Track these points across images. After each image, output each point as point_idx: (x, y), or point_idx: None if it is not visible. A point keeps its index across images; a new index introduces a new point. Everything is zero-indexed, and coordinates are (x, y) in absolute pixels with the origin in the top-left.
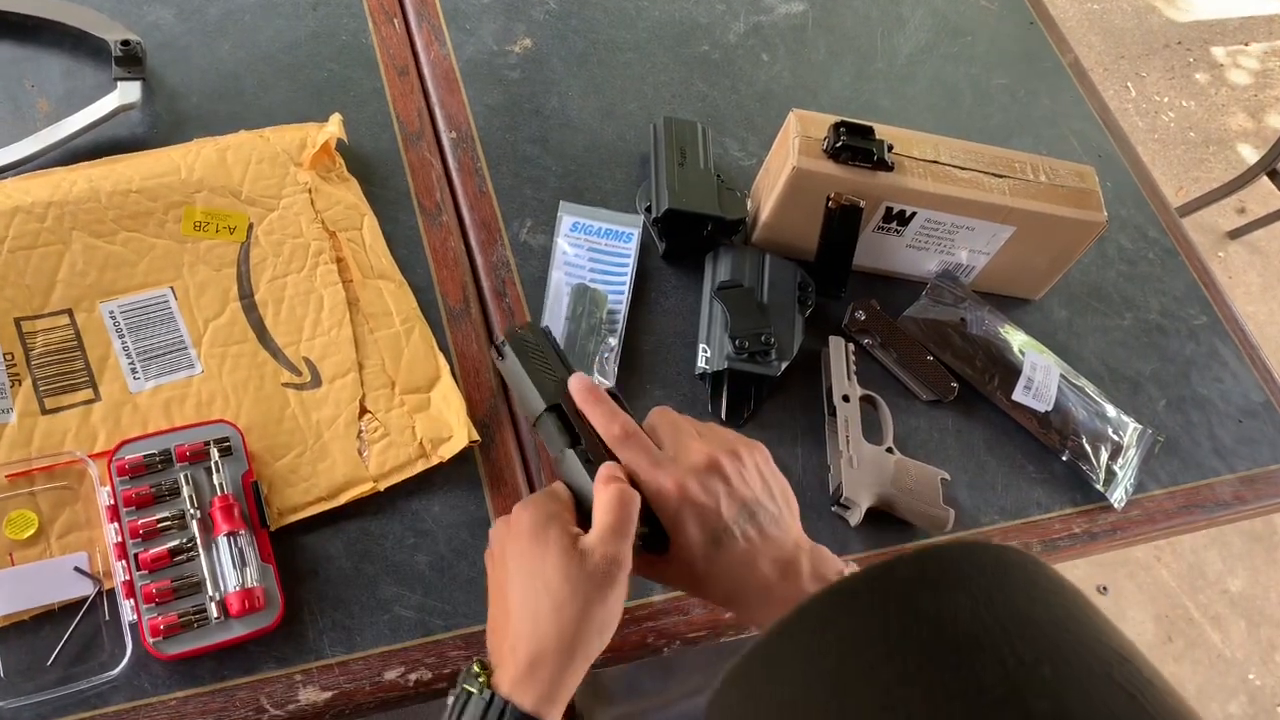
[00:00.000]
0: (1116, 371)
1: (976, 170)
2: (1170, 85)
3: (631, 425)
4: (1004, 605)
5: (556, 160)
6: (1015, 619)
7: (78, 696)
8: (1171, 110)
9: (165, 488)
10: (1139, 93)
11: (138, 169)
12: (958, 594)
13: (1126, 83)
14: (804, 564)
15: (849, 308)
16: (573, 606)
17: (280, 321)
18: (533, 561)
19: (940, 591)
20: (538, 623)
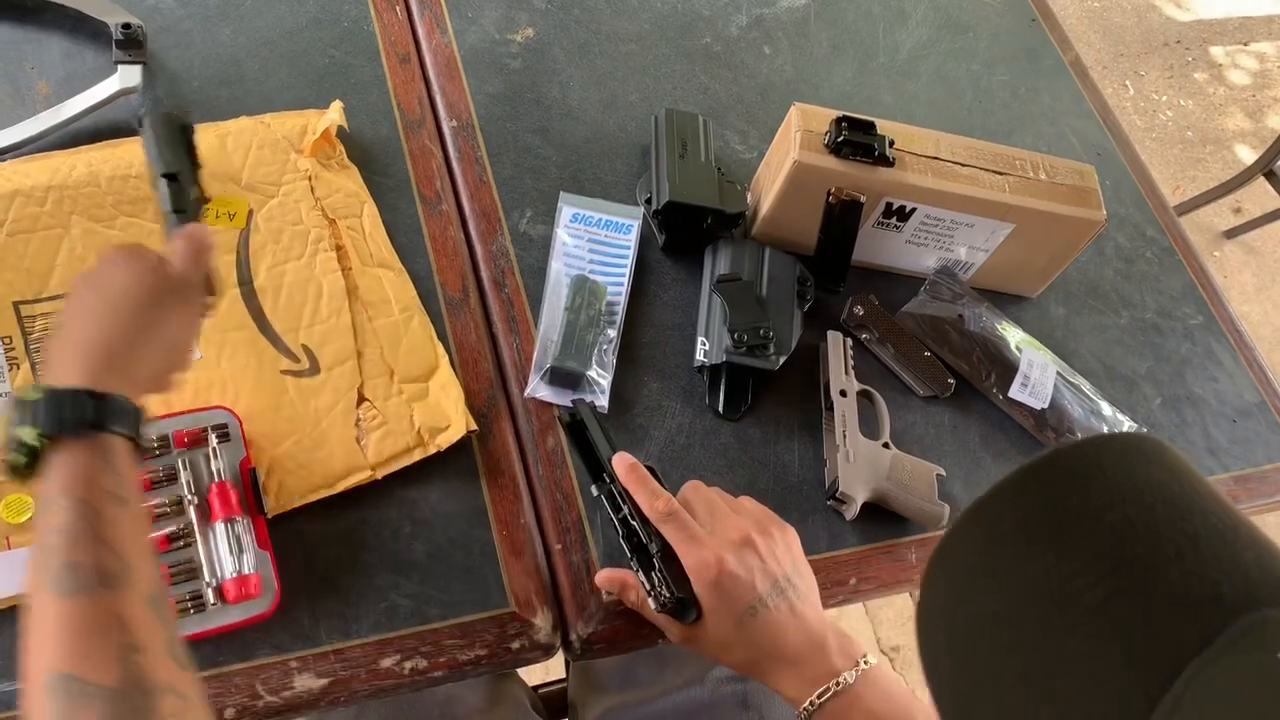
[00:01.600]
0: (1112, 370)
1: (977, 167)
2: (1169, 84)
3: (673, 504)
4: (1196, 484)
5: (557, 150)
6: (1208, 497)
7: None
8: (1170, 109)
9: (163, 473)
10: (1137, 91)
11: (137, 154)
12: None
13: (1125, 81)
14: (831, 640)
15: (847, 302)
16: (146, 311)
17: (279, 308)
18: (115, 271)
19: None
20: (106, 321)
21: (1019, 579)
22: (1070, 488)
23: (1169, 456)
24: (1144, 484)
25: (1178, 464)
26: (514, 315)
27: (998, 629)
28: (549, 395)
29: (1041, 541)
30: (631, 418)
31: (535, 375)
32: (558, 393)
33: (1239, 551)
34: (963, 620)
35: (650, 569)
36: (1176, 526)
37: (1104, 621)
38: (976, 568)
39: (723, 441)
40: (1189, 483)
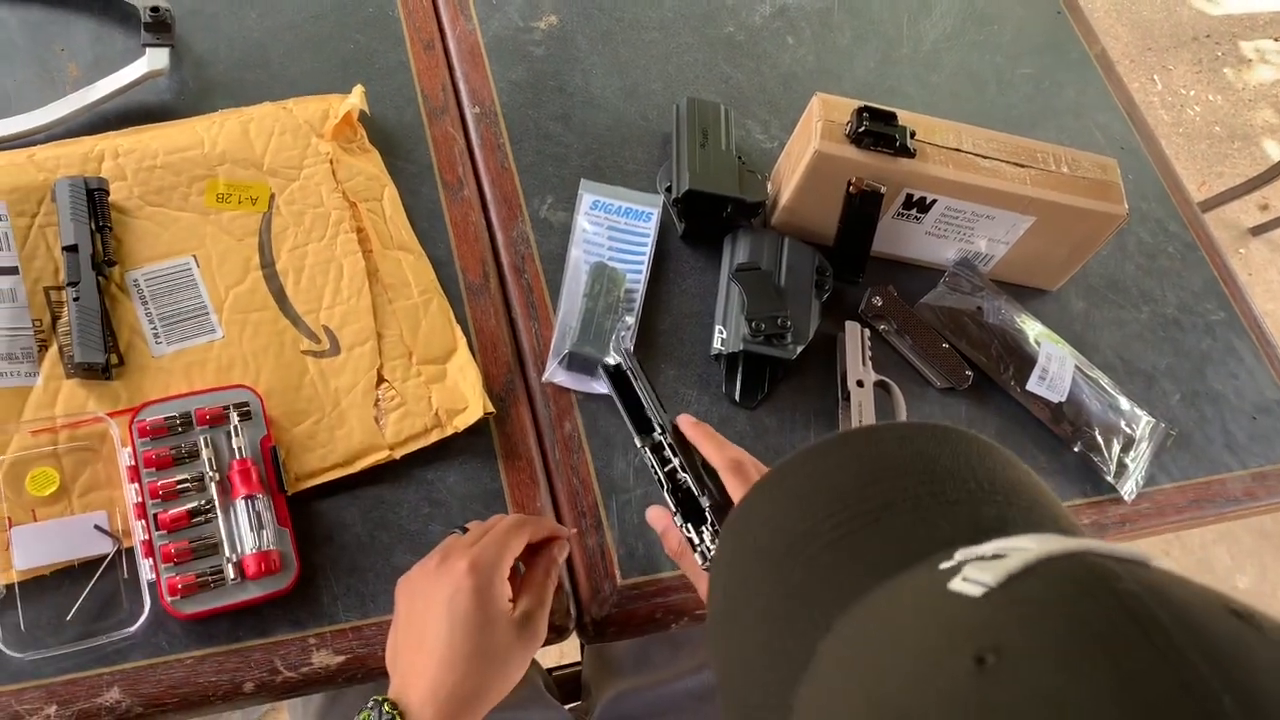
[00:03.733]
0: (1131, 364)
1: (998, 159)
2: (1197, 79)
3: (744, 454)
4: (980, 461)
5: (579, 138)
6: (986, 470)
7: (96, 652)
8: (1198, 104)
9: (185, 450)
10: (1165, 85)
11: (162, 143)
12: (938, 443)
13: (1153, 75)
14: None
15: (866, 293)
16: (495, 665)
17: (300, 290)
18: (473, 618)
19: (913, 439)
20: (466, 676)
21: (781, 519)
22: (841, 459)
23: (957, 439)
24: (920, 457)
25: (966, 444)
26: (533, 301)
27: (756, 559)
28: (567, 380)
29: (802, 495)
30: None
31: (553, 360)
32: (575, 378)
33: (978, 508)
34: (741, 549)
35: (701, 523)
36: (923, 486)
37: (826, 556)
38: (758, 511)
39: (738, 430)
40: (966, 455)
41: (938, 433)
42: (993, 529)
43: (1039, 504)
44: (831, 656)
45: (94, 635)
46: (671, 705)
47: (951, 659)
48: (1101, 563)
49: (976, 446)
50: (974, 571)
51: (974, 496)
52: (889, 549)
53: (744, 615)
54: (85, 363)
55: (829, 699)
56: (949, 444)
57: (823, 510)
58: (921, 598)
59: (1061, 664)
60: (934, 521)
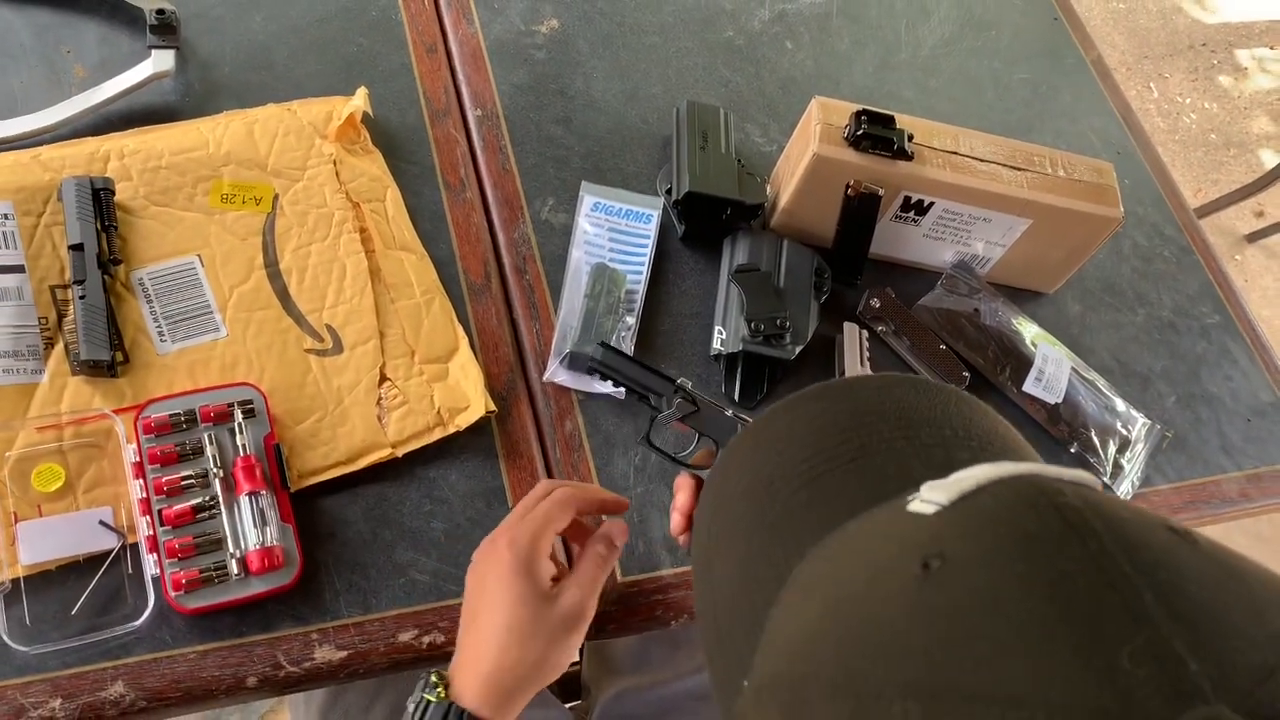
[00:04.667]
0: (1127, 367)
1: (995, 162)
2: (1193, 87)
3: None
4: (957, 410)
5: (580, 141)
6: (962, 419)
7: (101, 647)
8: (1193, 112)
9: (189, 447)
10: (1161, 93)
11: (168, 143)
12: (917, 394)
13: (1149, 83)
14: None
15: (864, 295)
16: (536, 643)
17: (304, 289)
18: (510, 593)
19: (896, 391)
20: (504, 651)
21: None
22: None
23: (937, 391)
24: (897, 405)
25: (945, 395)
26: (534, 301)
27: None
28: (568, 380)
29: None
30: None
31: (554, 360)
32: (576, 378)
33: (951, 452)
34: (724, 494)
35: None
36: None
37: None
38: (740, 457)
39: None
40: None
41: (917, 384)
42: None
43: (1012, 450)
44: (800, 579)
45: (98, 629)
46: (672, 705)
47: (901, 565)
48: (1049, 482)
49: (954, 397)
50: (929, 492)
51: (948, 442)
52: (863, 487)
53: (725, 552)
54: (91, 360)
55: (793, 612)
56: (927, 394)
57: (801, 454)
58: (884, 524)
59: (997, 565)
60: (908, 464)
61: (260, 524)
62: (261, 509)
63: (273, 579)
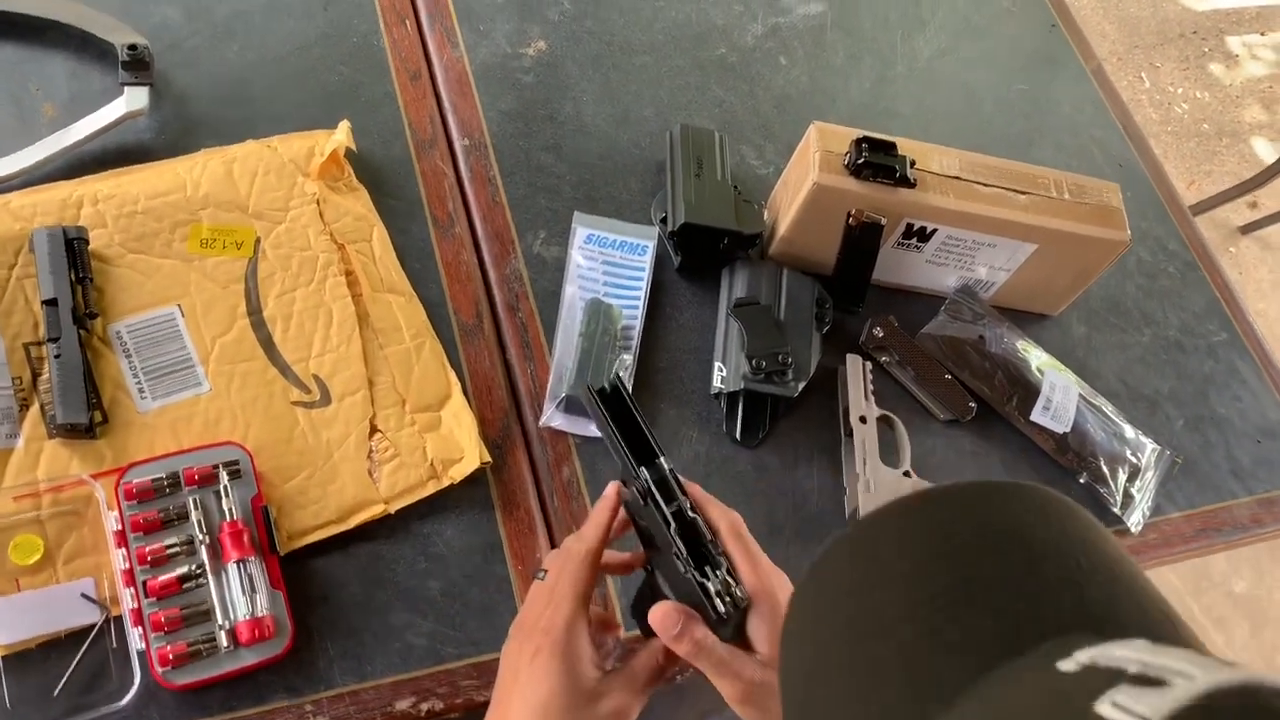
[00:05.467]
0: (1134, 390)
1: (999, 186)
2: (1184, 76)
3: (741, 521)
4: (1072, 529)
5: (570, 168)
6: (1084, 544)
7: None
8: (1185, 101)
9: (174, 512)
10: (1153, 83)
11: (143, 187)
12: (1028, 512)
13: (1140, 73)
14: None
15: (866, 324)
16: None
17: (289, 337)
18: (543, 686)
19: (1005, 509)
20: None
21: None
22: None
23: (1052, 506)
24: (1016, 529)
25: (1061, 513)
26: (528, 341)
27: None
28: (564, 424)
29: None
30: None
31: (550, 404)
32: (573, 421)
33: (1084, 592)
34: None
35: (718, 568)
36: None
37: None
38: (839, 578)
39: (740, 469)
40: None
41: (1026, 496)
42: (1103, 617)
43: (1136, 582)
44: None
45: (83, 710)
46: None
47: None
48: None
49: (1068, 514)
50: (1127, 699)
51: (1074, 576)
52: (990, 631)
53: (826, 700)
54: (68, 423)
55: None
56: (1043, 513)
57: (912, 584)
58: (1057, 711)
59: None
60: (1038, 603)
61: (249, 592)
62: (250, 576)
63: (264, 649)
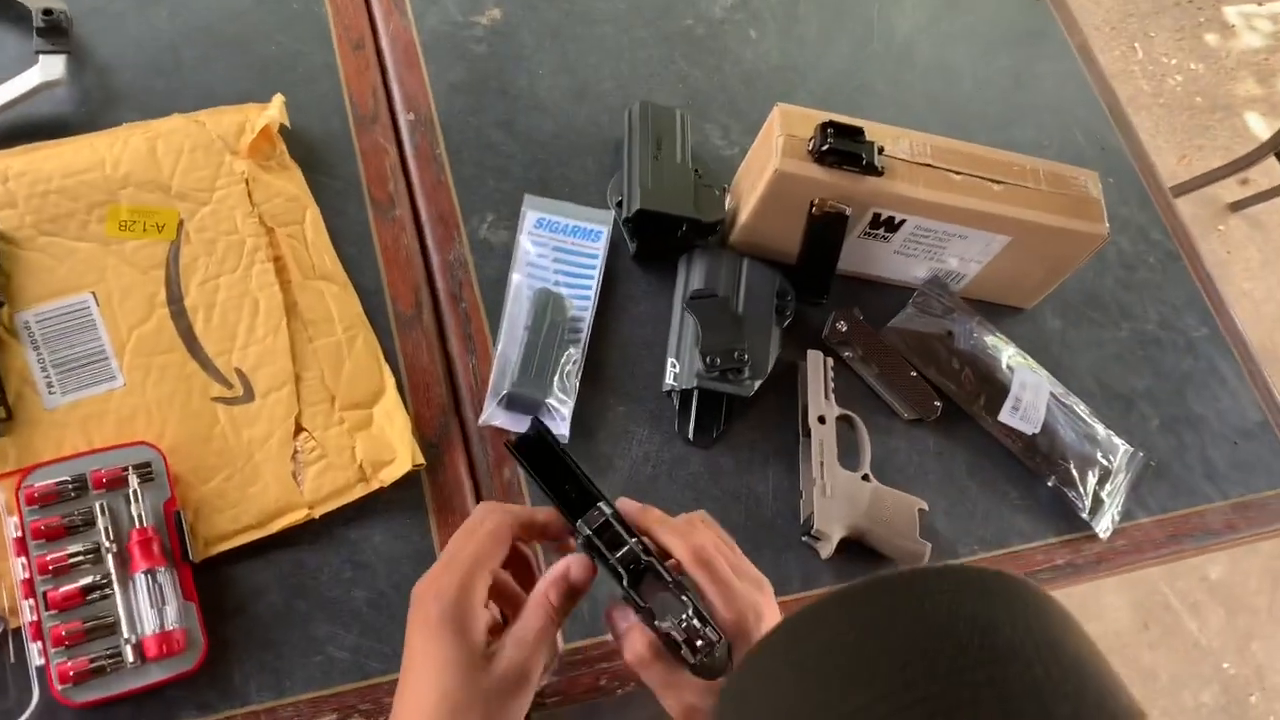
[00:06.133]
0: (1109, 388)
1: (972, 175)
2: (1179, 46)
3: (709, 546)
4: (1040, 627)
5: (523, 147)
6: (1048, 644)
7: None
8: (1179, 73)
9: (79, 518)
10: (1146, 54)
11: (58, 164)
12: (991, 604)
13: (1134, 43)
14: None
15: (830, 317)
16: (471, 715)
17: (211, 329)
18: (438, 658)
19: (968, 599)
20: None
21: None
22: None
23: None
24: (974, 627)
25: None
26: (470, 333)
27: None
28: (506, 422)
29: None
30: (595, 445)
31: (491, 401)
32: (516, 419)
33: (1049, 707)
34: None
35: (682, 611)
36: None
37: None
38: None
39: (692, 471)
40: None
41: (992, 588)
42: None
43: (1106, 696)
44: None
45: None
46: None
47: None
48: None
49: (1031, 606)
50: None
51: (1041, 686)
52: None
53: None
54: None
55: None
56: (1004, 607)
57: (858, 695)
58: None
59: None
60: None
61: (159, 604)
62: (160, 587)
63: (173, 665)
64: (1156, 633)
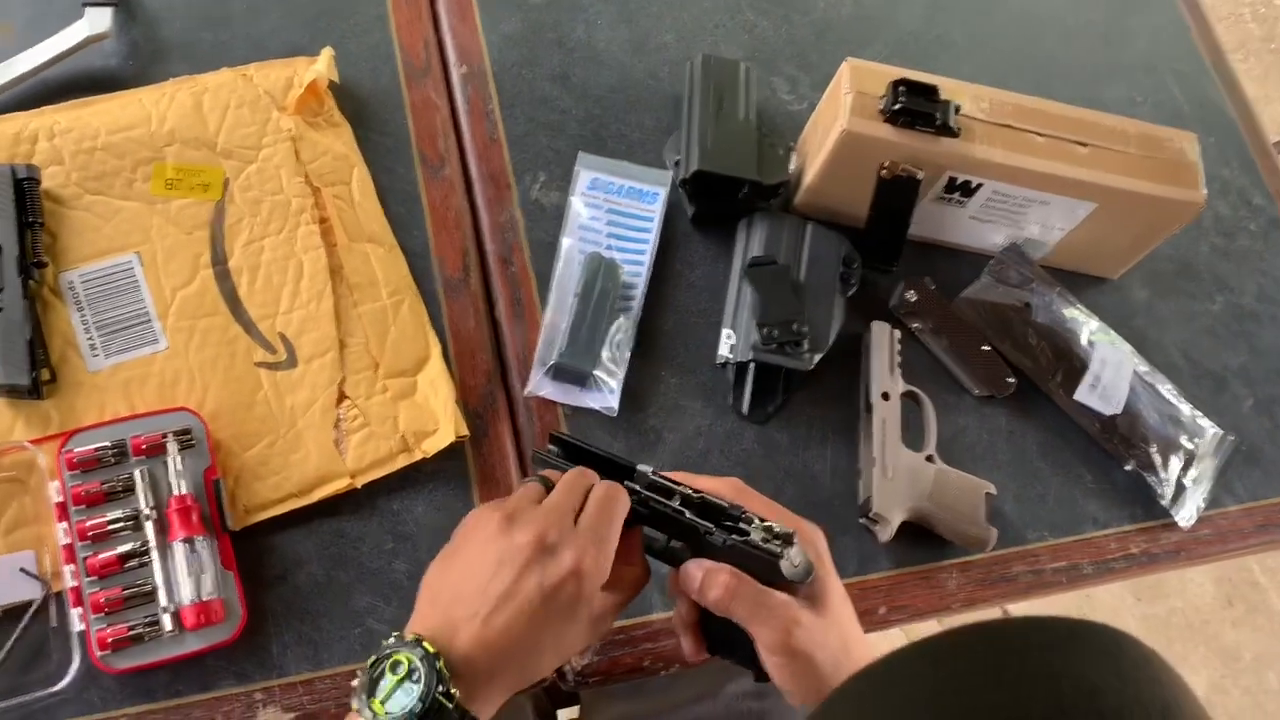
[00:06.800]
0: (1199, 365)
1: (1056, 136)
2: None
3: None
4: (1151, 693)
5: (578, 102)
6: (1161, 708)
7: (23, 710)
8: None
9: (119, 484)
10: None
11: (104, 120)
12: (1100, 665)
13: None
14: None
15: (899, 286)
16: (561, 652)
17: (255, 291)
18: (566, 617)
19: (1071, 656)
20: (528, 661)
21: None
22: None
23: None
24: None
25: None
26: (520, 298)
27: None
28: (553, 393)
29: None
30: (644, 418)
31: (538, 371)
32: (563, 390)
33: None
34: None
35: (749, 521)
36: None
37: None
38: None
39: (745, 447)
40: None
41: (1099, 645)
42: None
43: None
44: None
45: (20, 691)
46: None
47: None
48: None
49: (1144, 666)
50: None
51: None
52: None
53: None
54: (8, 384)
55: None
56: (1113, 665)
57: None
58: None
59: None
60: None
61: (196, 573)
62: (198, 556)
63: (210, 635)
64: (1241, 610)
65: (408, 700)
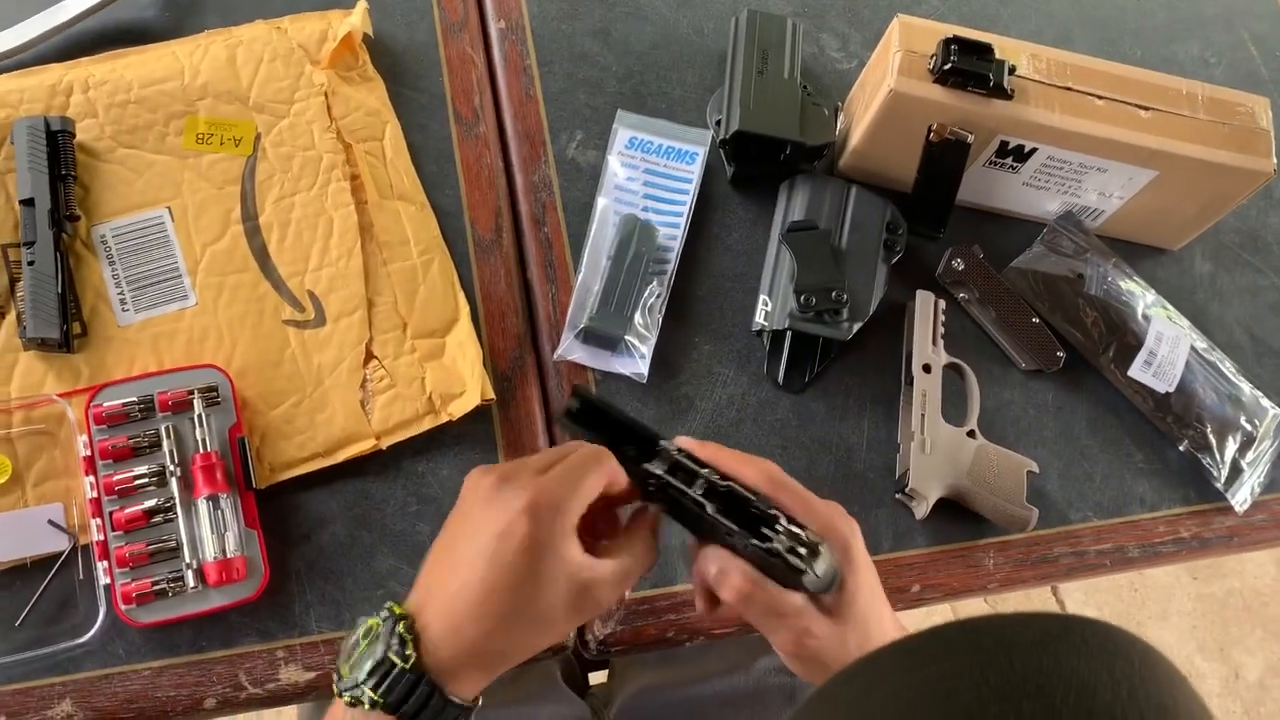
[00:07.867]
0: (1262, 342)
1: (1117, 99)
2: None
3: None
4: (1146, 690)
5: (618, 58)
6: (1156, 707)
7: (48, 660)
8: None
9: (145, 440)
10: None
11: (138, 73)
12: (1092, 662)
13: None
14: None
15: (945, 253)
16: (538, 626)
17: (285, 248)
18: (521, 572)
19: (1062, 654)
20: (494, 631)
21: None
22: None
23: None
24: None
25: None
26: (552, 260)
27: None
28: (584, 357)
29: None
30: (676, 385)
31: (569, 334)
32: (594, 354)
33: None
34: None
35: (775, 523)
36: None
37: None
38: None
39: (779, 417)
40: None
41: (1090, 640)
42: None
43: None
44: None
45: (46, 642)
46: (697, 709)
47: None
48: None
49: (1139, 663)
50: None
51: None
52: None
53: None
54: (38, 337)
55: None
56: (1106, 661)
57: None
58: None
59: None
60: None
61: (220, 531)
62: (222, 513)
63: (233, 592)
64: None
65: (369, 663)
